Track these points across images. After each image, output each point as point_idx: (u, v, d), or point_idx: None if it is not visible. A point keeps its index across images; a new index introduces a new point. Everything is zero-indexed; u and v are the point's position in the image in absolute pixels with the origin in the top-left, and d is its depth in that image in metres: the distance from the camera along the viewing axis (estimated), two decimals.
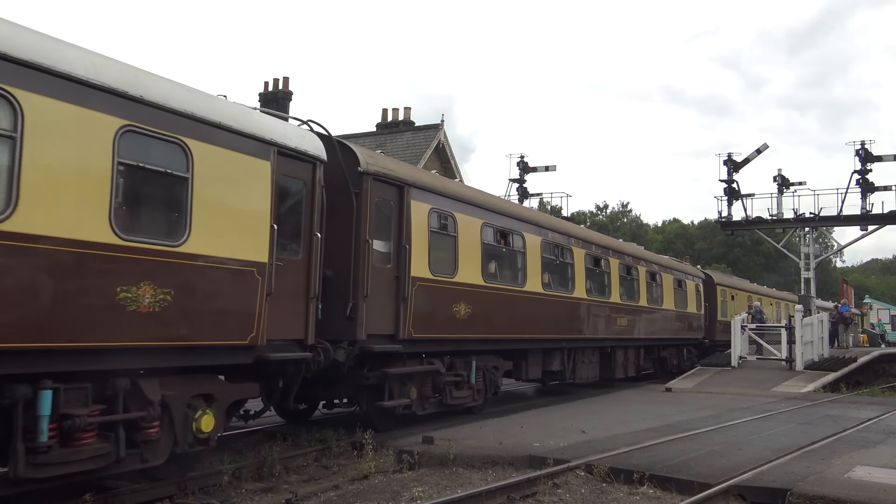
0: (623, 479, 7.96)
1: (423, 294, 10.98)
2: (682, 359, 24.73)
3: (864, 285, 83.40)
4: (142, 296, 6.66)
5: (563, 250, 15.91)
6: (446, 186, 12.43)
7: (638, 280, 20.19)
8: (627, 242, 25.16)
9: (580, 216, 73.66)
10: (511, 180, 31.26)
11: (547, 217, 16.92)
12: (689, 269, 27.00)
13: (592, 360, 17.63)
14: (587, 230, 20.98)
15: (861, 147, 28.28)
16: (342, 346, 9.54)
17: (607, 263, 18.26)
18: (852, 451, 9.36)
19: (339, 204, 9.84)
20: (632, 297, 19.68)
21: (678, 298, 23.51)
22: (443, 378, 11.68)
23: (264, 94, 25.57)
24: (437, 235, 11.53)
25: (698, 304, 25.72)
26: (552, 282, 15.25)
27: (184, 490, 7.70)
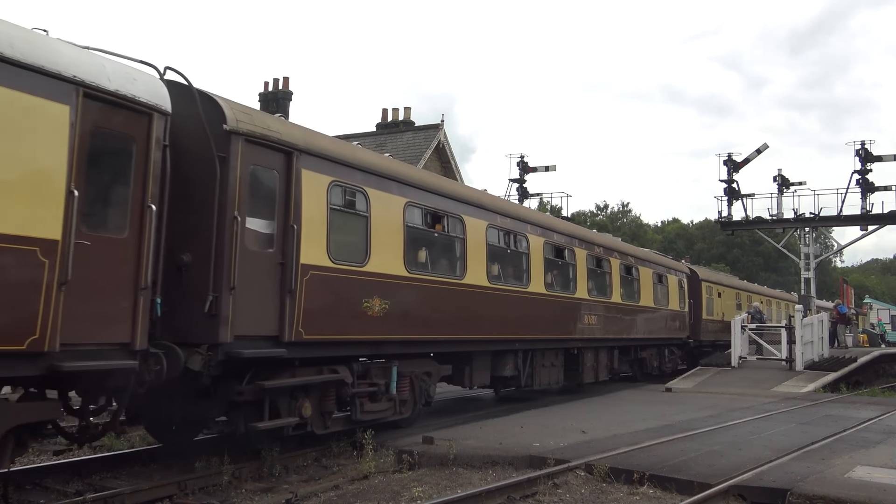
0: (623, 479, 7.97)
1: (318, 286, 8.94)
2: (663, 360, 23.02)
3: (864, 285, 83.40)
4: None
5: (517, 238, 14.05)
6: (355, 155, 10.14)
7: (610, 274, 18.35)
8: (599, 232, 23.36)
9: (580, 216, 73.69)
10: (511, 180, 31.31)
11: (495, 199, 14.50)
12: (670, 263, 25.00)
13: (555, 363, 15.77)
14: (547, 216, 18.75)
15: (861, 147, 28.32)
16: (199, 352, 7.52)
17: (572, 254, 16.30)
18: (852, 451, 9.36)
19: (203, 172, 7.89)
20: (603, 293, 17.80)
21: (658, 295, 21.67)
22: (349, 389, 9.66)
23: (264, 94, 25.57)
24: (340, 215, 9.51)
25: (682, 301, 23.92)
26: (502, 274, 13.47)
27: (184, 490, 7.71)
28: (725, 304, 29.17)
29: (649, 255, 22.78)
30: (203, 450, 9.46)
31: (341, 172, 9.59)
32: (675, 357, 24.10)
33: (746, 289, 34.29)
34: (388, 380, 10.47)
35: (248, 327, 8.06)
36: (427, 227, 11.44)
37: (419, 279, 10.97)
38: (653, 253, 24.94)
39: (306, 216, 8.86)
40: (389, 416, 10.68)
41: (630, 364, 20.90)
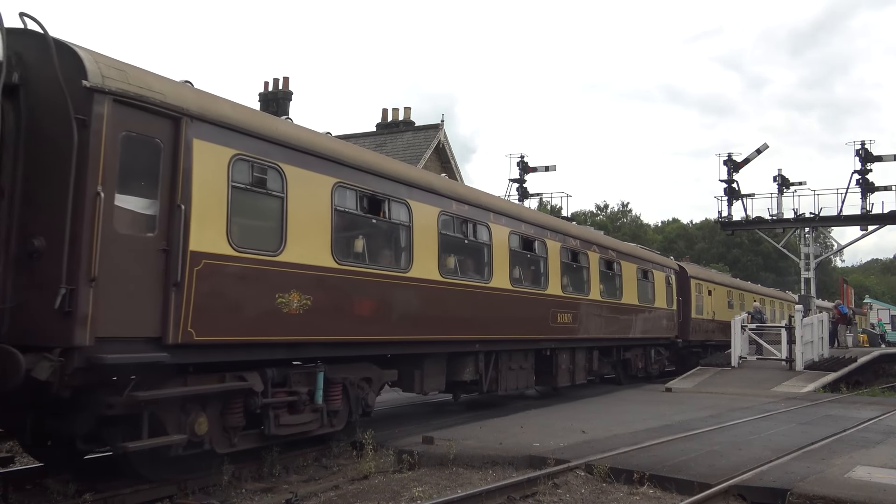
0: (623, 479, 7.97)
1: (215, 277, 7.49)
2: (649, 361, 21.69)
3: (864, 285, 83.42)
4: None
5: (477, 227, 12.60)
6: (267, 125, 8.59)
7: (588, 269, 16.85)
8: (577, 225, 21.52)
9: (580, 216, 73.71)
10: (511, 180, 31.32)
11: (449, 184, 12.98)
12: (657, 258, 23.37)
13: (524, 365, 14.44)
14: (514, 203, 17.62)
15: (861, 147, 28.32)
16: (48, 357, 6.24)
17: (543, 247, 14.82)
18: (852, 451, 9.36)
19: (63, 138, 6.54)
20: (580, 289, 16.35)
21: (643, 292, 20.35)
22: (259, 400, 8.27)
23: (264, 94, 25.58)
24: (246, 195, 8.03)
25: (669, 298, 22.56)
26: (459, 267, 12.03)
27: (184, 490, 7.71)
28: (717, 303, 28.10)
29: (633, 250, 21.37)
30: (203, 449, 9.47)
31: (249, 145, 8.08)
32: (662, 358, 22.89)
33: (739, 287, 32.98)
34: (313, 387, 9.06)
35: (117, 327, 6.68)
36: (363, 213, 9.91)
37: (353, 272, 9.47)
38: (638, 248, 23.24)
39: (199, 195, 7.43)
40: (315, 429, 9.25)
41: (613, 366, 19.80)
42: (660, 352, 22.66)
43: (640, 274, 20.31)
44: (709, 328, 26.83)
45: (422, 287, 10.91)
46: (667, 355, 23.32)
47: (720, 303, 28.51)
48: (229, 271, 7.71)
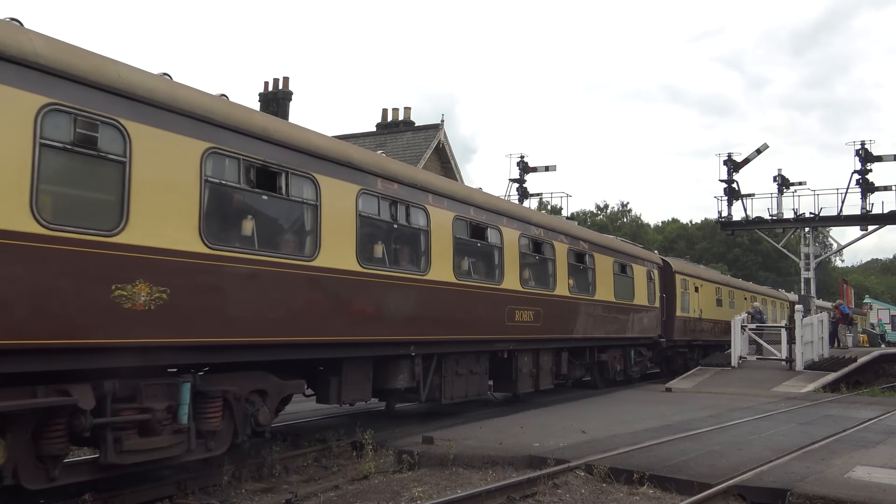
0: (623, 479, 7.97)
1: (12, 264, 5.81)
2: (628, 363, 19.85)
3: (864, 285, 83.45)
4: None
5: (411, 211, 10.74)
6: (99, 69, 6.67)
7: (554, 261, 15.07)
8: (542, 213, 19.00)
9: (581, 216, 73.78)
10: (511, 180, 31.33)
11: (375, 158, 10.69)
12: (637, 251, 21.22)
13: (476, 369, 12.78)
14: (460, 185, 15.44)
15: (861, 147, 28.33)
16: None
17: (498, 235, 13.02)
18: (852, 451, 9.36)
19: None
20: (544, 284, 14.66)
21: (621, 287, 18.58)
22: (88, 419, 6.41)
23: (264, 94, 25.59)
24: (64, 157, 6.31)
25: (651, 295, 20.70)
26: (388, 256, 10.28)
27: (184, 490, 7.71)
28: (704, 300, 26.49)
29: (609, 242, 19.30)
30: None
31: (70, 94, 6.35)
32: (643, 359, 21.07)
33: (728, 283, 31.16)
34: (176, 402, 7.23)
35: None
36: (249, 188, 8.08)
37: (232, 259, 7.68)
38: (616, 239, 21.13)
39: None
40: (178, 454, 7.32)
41: (587, 368, 18.05)
42: (641, 353, 20.86)
43: (618, 268, 18.62)
44: (696, 327, 25.50)
45: (335, 279, 9.02)
46: (649, 356, 21.65)
47: (708, 300, 27.05)
48: (31, 253, 5.92)
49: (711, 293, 27.68)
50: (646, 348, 21.26)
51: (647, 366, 21.65)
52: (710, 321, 26.76)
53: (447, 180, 13.84)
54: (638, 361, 20.67)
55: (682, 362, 24.79)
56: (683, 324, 24.21)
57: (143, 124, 6.91)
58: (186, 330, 7.20)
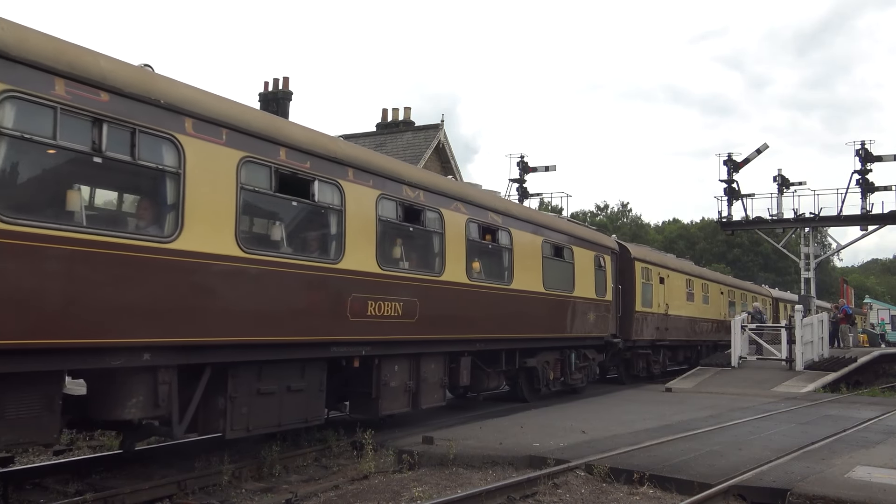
0: (623, 479, 7.97)
1: None
2: (567, 368, 16.07)
3: (864, 285, 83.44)
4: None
5: (155, 144, 7.10)
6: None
7: (442, 236, 11.38)
8: (424, 170, 15.08)
9: (581, 216, 73.75)
10: (511, 180, 31.33)
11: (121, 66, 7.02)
12: (581, 231, 17.47)
13: (296, 384, 8.88)
14: (239, 105, 8.33)
15: (861, 147, 28.35)
16: None
17: (336, 194, 9.31)
18: (852, 451, 9.36)
19: None
20: (424, 265, 11.16)
21: (555, 275, 14.99)
22: None
23: (264, 94, 25.58)
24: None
25: (600, 286, 17.28)
26: (91, 216, 6.97)
27: (183, 490, 7.71)
28: (672, 294, 22.86)
29: (537, 216, 15.49)
30: (203, 449, 9.47)
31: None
32: (590, 364, 17.36)
33: (702, 276, 27.56)
34: None
35: None
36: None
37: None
38: (549, 215, 17.45)
39: None
40: None
41: (512, 376, 14.87)
42: (586, 356, 17.16)
43: (550, 250, 15.01)
44: (662, 325, 21.82)
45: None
46: (600, 360, 18.06)
47: (677, 294, 23.43)
48: None
49: (681, 286, 24.01)
50: (595, 350, 17.56)
51: (595, 371, 17.86)
52: (679, 318, 23.42)
53: (213, 95, 8.11)
54: (582, 367, 16.92)
55: (645, 366, 21.69)
56: (645, 321, 20.62)
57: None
58: None
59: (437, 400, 11.67)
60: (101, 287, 6.49)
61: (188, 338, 7.36)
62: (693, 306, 25.24)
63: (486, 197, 13.40)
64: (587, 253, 16.89)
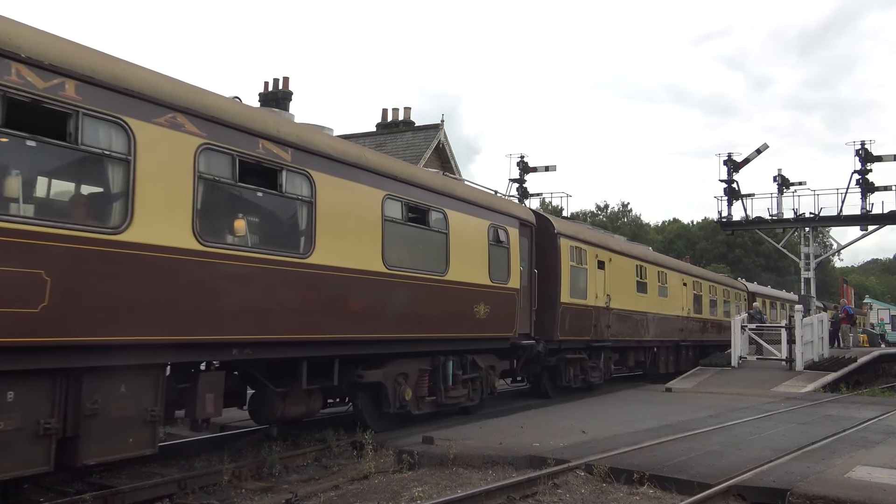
0: (623, 479, 7.96)
1: None
2: (438, 384, 11.83)
3: (864, 285, 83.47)
4: None
5: None
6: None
7: (130, 165, 6.84)
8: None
9: (581, 216, 73.76)
10: (511, 180, 31.34)
11: None
12: (467, 191, 12.87)
13: None
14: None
15: (861, 147, 28.37)
16: None
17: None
18: (852, 451, 9.35)
19: None
20: (96, 216, 6.84)
21: (412, 249, 11.05)
22: None
23: (264, 94, 25.60)
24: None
25: (500, 268, 12.97)
26: None
27: (184, 490, 7.71)
28: (616, 282, 18.18)
29: (373, 159, 10.47)
30: (203, 449, 9.48)
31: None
32: (483, 374, 12.95)
33: (657, 262, 22.33)
34: None
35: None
36: None
37: None
38: (401, 163, 11.87)
39: None
40: None
41: (347, 395, 11.15)
42: (476, 364, 12.71)
43: (401, 211, 10.64)
44: (602, 321, 17.32)
45: None
46: (503, 368, 13.89)
47: (623, 282, 18.74)
48: None
49: (628, 273, 19.35)
50: (495, 356, 13.38)
51: (492, 384, 13.39)
52: (627, 313, 18.96)
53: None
54: (469, 380, 12.58)
55: (577, 373, 16.76)
56: (577, 317, 16.14)
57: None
58: None
59: (144, 445, 7.01)
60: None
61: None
62: (646, 299, 20.45)
63: (285, 127, 8.93)
64: (476, 222, 12.33)
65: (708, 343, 26.34)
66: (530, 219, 14.71)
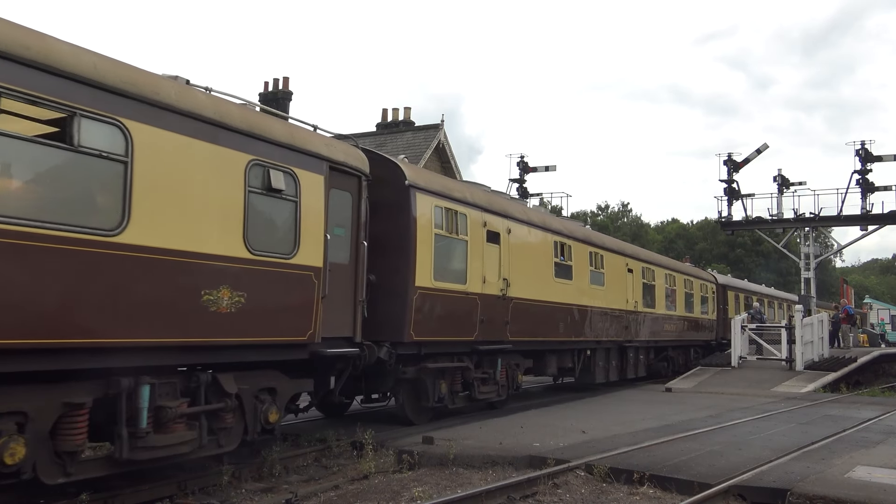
0: (623, 479, 7.96)
1: None
2: (133, 423, 6.81)
3: (864, 285, 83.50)
4: None
5: None
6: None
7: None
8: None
9: (581, 216, 73.78)
10: (511, 180, 31.36)
11: None
12: (199, 101, 7.58)
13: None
14: None
15: (861, 147, 28.42)
16: None
17: None
18: (852, 451, 9.36)
19: None
20: None
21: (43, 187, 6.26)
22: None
23: (264, 94, 25.62)
24: None
25: (281, 235, 8.48)
26: None
27: (184, 490, 7.71)
28: (518, 263, 13.61)
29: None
30: None
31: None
32: (252, 404, 8.16)
33: (587, 239, 17.34)
34: None
35: None
36: None
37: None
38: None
39: None
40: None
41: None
42: (223, 389, 7.75)
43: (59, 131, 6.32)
44: (499, 315, 12.89)
45: None
46: (299, 390, 9.12)
47: (532, 264, 14.29)
48: None
49: (541, 251, 14.79)
50: (280, 371, 8.63)
51: (265, 418, 8.29)
52: (537, 306, 14.34)
53: None
54: (206, 414, 7.63)
55: (456, 388, 12.28)
56: (451, 308, 11.74)
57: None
58: None
59: None
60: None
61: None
62: (571, 287, 15.91)
63: None
64: (223, 154, 7.66)
65: (665, 344, 22.65)
66: (355, 163, 9.76)
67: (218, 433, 7.85)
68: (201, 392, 7.62)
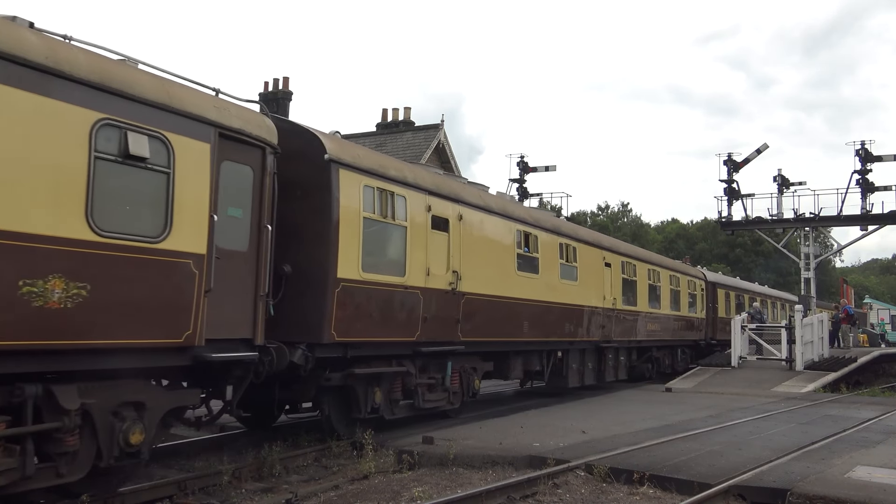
0: (623, 479, 7.96)
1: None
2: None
3: (864, 285, 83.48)
4: None
5: None
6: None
7: None
8: None
9: (581, 216, 73.74)
10: (511, 180, 31.34)
11: None
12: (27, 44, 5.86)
13: None
14: None
15: (861, 147, 28.39)
16: None
17: None
18: (852, 451, 9.36)
19: None
20: None
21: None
22: None
23: (264, 93, 25.60)
24: None
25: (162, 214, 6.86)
26: None
27: (184, 490, 7.72)
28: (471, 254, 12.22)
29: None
30: (203, 449, 9.49)
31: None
32: (108, 422, 6.54)
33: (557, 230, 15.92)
34: None
35: None
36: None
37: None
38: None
39: None
40: None
41: None
42: (57, 405, 6.08)
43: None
44: (440, 310, 11.33)
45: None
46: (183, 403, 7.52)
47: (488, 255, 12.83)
48: None
49: (500, 241, 13.35)
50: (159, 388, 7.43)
51: (124, 439, 6.64)
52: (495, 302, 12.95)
53: None
54: (49, 438, 6.16)
55: (396, 396, 10.93)
56: (384, 304, 10.37)
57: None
58: None
59: None
60: None
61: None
62: (536, 282, 14.50)
63: None
64: (58, 108, 6.07)
65: (649, 344, 21.29)
66: (257, 132, 8.14)
67: (56, 459, 6.19)
68: (27, 408, 5.90)
